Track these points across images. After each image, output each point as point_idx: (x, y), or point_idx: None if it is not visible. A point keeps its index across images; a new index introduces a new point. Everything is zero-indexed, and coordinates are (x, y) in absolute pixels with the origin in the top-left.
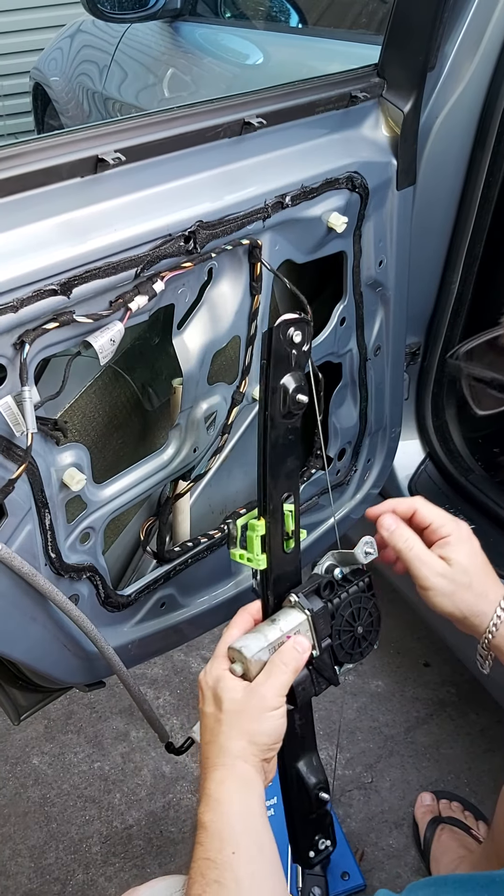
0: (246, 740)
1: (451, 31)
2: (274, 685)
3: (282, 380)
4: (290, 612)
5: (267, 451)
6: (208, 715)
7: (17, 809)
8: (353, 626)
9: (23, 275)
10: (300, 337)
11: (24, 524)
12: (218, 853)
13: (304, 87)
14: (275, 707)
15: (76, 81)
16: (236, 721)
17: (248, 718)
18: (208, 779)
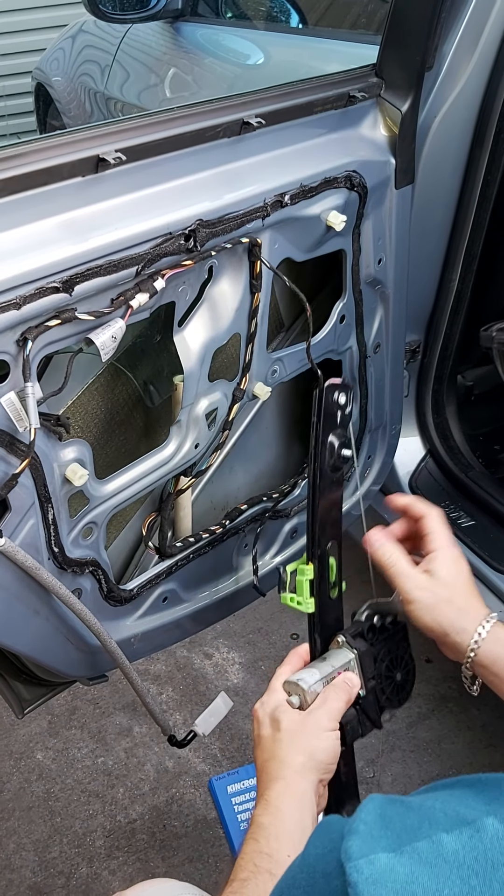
0: (306, 755)
1: (449, 31)
2: (329, 710)
3: (329, 437)
4: (339, 651)
5: (317, 500)
6: (265, 737)
7: (21, 804)
8: (393, 673)
9: (25, 272)
10: (344, 399)
11: (27, 519)
12: (276, 851)
13: (302, 88)
14: (330, 729)
15: (78, 81)
16: (295, 738)
17: (307, 736)
18: (269, 788)
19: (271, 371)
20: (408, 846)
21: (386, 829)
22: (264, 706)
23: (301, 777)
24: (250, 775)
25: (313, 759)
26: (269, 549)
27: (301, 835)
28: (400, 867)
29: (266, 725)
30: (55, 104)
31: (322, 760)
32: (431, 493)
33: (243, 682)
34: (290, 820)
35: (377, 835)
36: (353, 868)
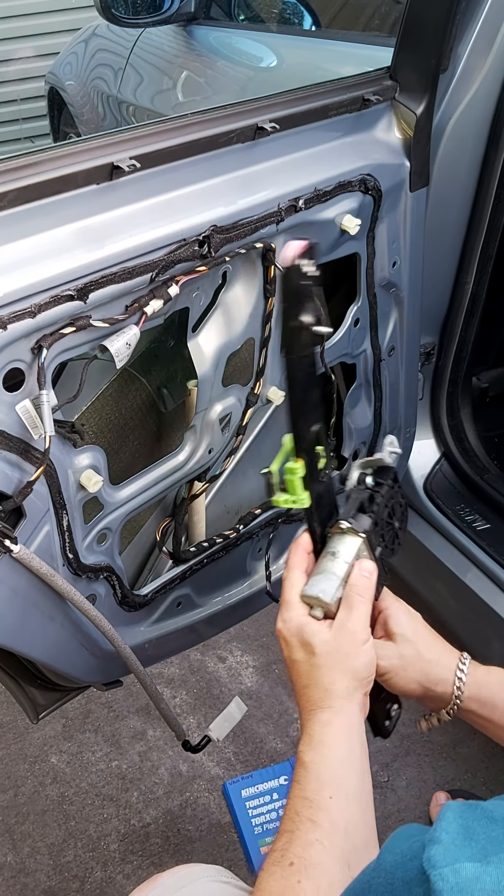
0: (349, 678)
1: (464, 33)
2: (359, 619)
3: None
4: (345, 538)
5: (295, 391)
6: (300, 661)
7: (35, 807)
8: (392, 523)
9: (40, 281)
10: (311, 265)
11: (42, 525)
12: (316, 794)
13: (316, 92)
14: (365, 640)
15: (91, 85)
16: (334, 661)
17: (346, 657)
18: (312, 720)
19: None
20: (494, 857)
21: (470, 841)
22: (287, 625)
23: (348, 702)
24: (264, 779)
25: (356, 679)
26: (282, 554)
27: (347, 768)
28: (486, 876)
29: (297, 648)
30: (68, 108)
31: (365, 678)
32: (446, 496)
33: (257, 685)
34: (335, 756)
35: (461, 845)
36: (439, 876)
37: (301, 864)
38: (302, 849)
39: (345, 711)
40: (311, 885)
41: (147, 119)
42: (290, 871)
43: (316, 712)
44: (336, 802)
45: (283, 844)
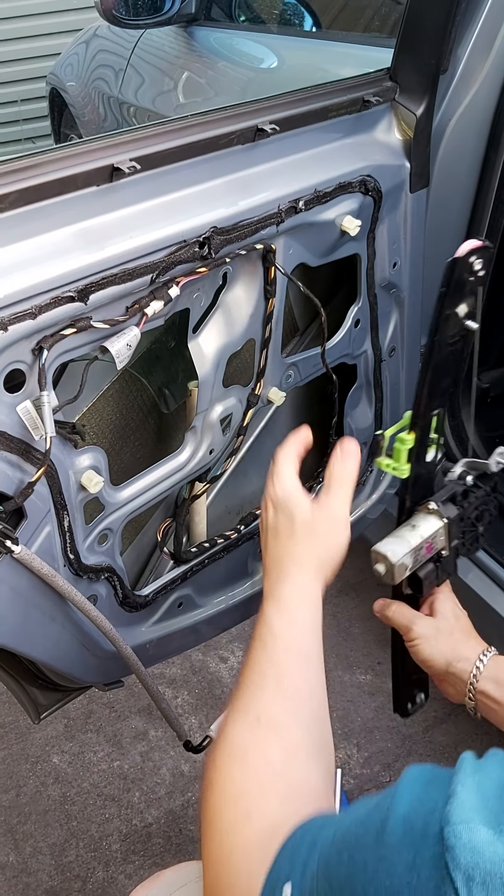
0: (322, 552)
1: (464, 34)
2: (339, 501)
3: (456, 308)
4: (429, 518)
5: (429, 372)
6: (280, 529)
7: (37, 807)
8: (477, 527)
9: (41, 282)
10: (481, 265)
11: (43, 526)
12: (282, 657)
13: (316, 93)
14: (343, 521)
15: (92, 86)
16: (312, 535)
17: (324, 533)
18: (282, 585)
19: (286, 376)
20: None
21: (485, 807)
22: (276, 492)
23: (316, 578)
24: None
25: (329, 556)
26: None
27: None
28: (500, 843)
29: (281, 516)
30: (69, 109)
31: (335, 559)
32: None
33: None
34: (301, 625)
35: (477, 806)
36: (452, 832)
37: (268, 722)
38: (268, 708)
39: (312, 585)
40: (277, 744)
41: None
42: (258, 727)
43: (285, 580)
44: (300, 669)
45: (248, 700)
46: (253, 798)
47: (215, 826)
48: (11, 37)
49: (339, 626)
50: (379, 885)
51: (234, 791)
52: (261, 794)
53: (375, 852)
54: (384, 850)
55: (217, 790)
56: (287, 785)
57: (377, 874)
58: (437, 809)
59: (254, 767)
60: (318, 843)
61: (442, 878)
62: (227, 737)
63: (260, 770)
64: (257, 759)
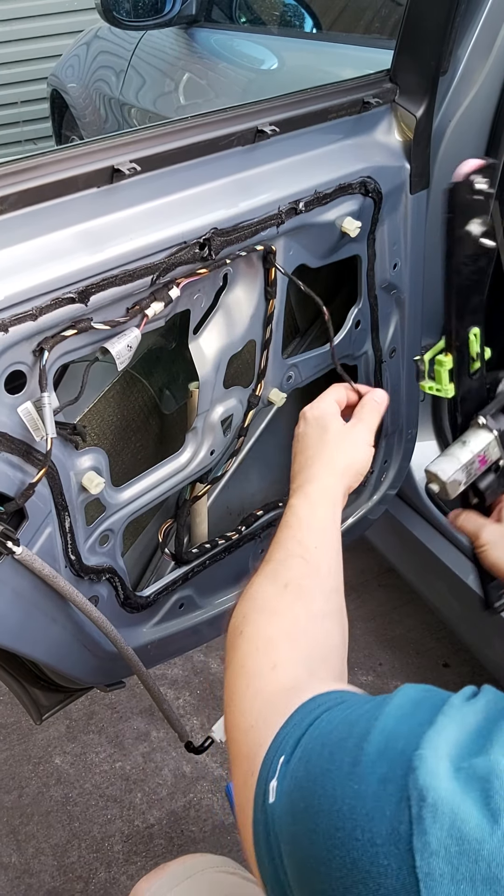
0: (348, 460)
1: (464, 35)
2: (366, 428)
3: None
4: (479, 432)
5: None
6: (312, 436)
7: (39, 808)
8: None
9: (41, 283)
10: (486, 183)
11: (44, 527)
12: (306, 539)
13: (316, 94)
14: (369, 443)
15: (93, 88)
16: (341, 444)
17: (352, 444)
18: (310, 483)
19: (287, 377)
20: (466, 762)
21: (457, 743)
22: (313, 409)
23: (340, 480)
24: None
25: (353, 465)
26: None
27: (331, 533)
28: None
29: (314, 426)
30: (70, 110)
31: (359, 470)
32: None
33: None
34: (324, 517)
35: (450, 738)
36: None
37: (295, 588)
38: (296, 577)
39: (336, 486)
40: (303, 608)
41: (149, 121)
42: (285, 591)
43: (313, 479)
44: (321, 551)
45: (276, 569)
46: (280, 650)
47: (244, 669)
48: (12, 38)
49: None
50: (347, 788)
51: (263, 641)
52: (288, 647)
53: (353, 756)
54: (361, 757)
55: (246, 638)
56: (310, 643)
57: (350, 778)
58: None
59: (281, 623)
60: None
61: (401, 795)
62: (255, 596)
63: (287, 626)
64: (285, 616)
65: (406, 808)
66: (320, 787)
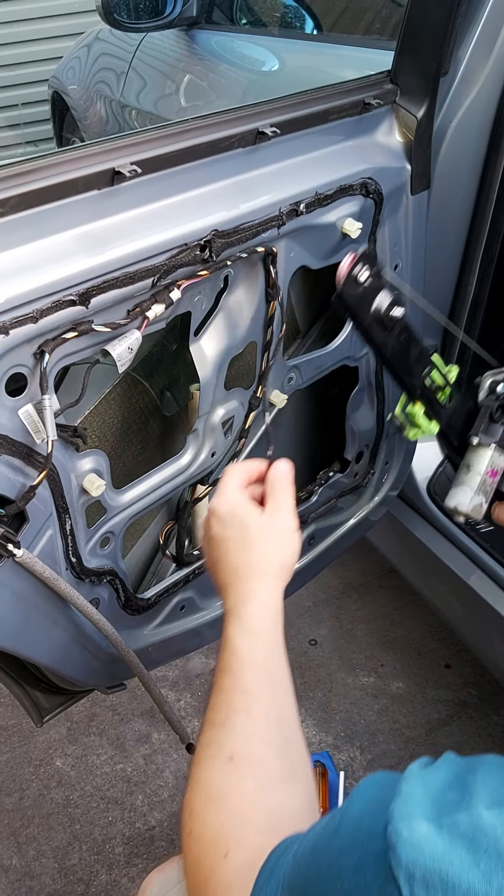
0: (280, 559)
1: (464, 36)
2: (288, 504)
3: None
4: (476, 451)
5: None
6: (233, 539)
7: (40, 811)
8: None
9: (42, 286)
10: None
11: (45, 529)
12: (251, 681)
13: (317, 96)
14: (295, 525)
15: (94, 90)
16: (268, 542)
17: (280, 538)
18: (245, 602)
19: (287, 379)
20: (447, 818)
21: (429, 802)
22: (222, 503)
23: (275, 586)
24: None
25: (287, 562)
26: None
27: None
28: (439, 839)
29: (230, 524)
30: (71, 112)
31: (292, 563)
32: None
33: None
34: (268, 645)
35: (420, 801)
36: (393, 830)
37: (242, 759)
38: (241, 743)
39: (274, 595)
40: (254, 782)
41: (150, 123)
42: (232, 767)
43: (248, 594)
44: (269, 693)
45: (218, 736)
46: (231, 837)
47: (196, 875)
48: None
49: (341, 629)
50: (331, 888)
51: (213, 834)
52: (240, 831)
53: (329, 856)
54: (334, 854)
55: (196, 838)
56: (265, 816)
57: (330, 878)
58: (384, 808)
59: (230, 807)
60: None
61: (385, 876)
62: (200, 779)
63: (236, 808)
64: (233, 798)
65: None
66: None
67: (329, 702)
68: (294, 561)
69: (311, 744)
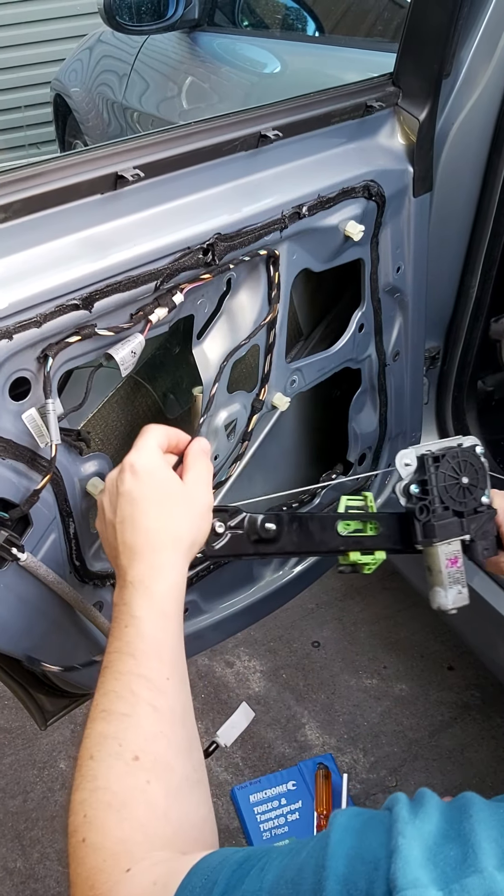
0: (195, 534)
1: (466, 38)
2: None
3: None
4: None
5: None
6: (147, 498)
7: (44, 813)
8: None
9: (46, 290)
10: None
11: (49, 533)
12: (156, 673)
13: (319, 99)
14: (210, 502)
15: (96, 92)
16: (186, 511)
17: (198, 513)
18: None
19: (290, 381)
20: (456, 884)
21: (430, 861)
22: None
23: (186, 563)
24: (272, 784)
25: (198, 540)
26: (289, 558)
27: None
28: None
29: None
30: (73, 114)
31: (201, 544)
32: None
33: (264, 690)
34: (175, 631)
35: (423, 864)
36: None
37: (148, 760)
38: (146, 741)
39: (184, 571)
40: (161, 786)
41: (152, 125)
42: (136, 768)
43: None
44: (173, 685)
45: (119, 730)
46: (135, 852)
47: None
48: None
49: (344, 630)
50: None
51: (112, 847)
52: (145, 845)
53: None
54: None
55: (91, 847)
56: (172, 827)
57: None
58: (380, 867)
59: (135, 818)
60: (233, 891)
61: None
62: (98, 780)
63: (142, 819)
64: (140, 807)
65: None
66: None
67: (332, 704)
68: (203, 539)
69: (315, 746)
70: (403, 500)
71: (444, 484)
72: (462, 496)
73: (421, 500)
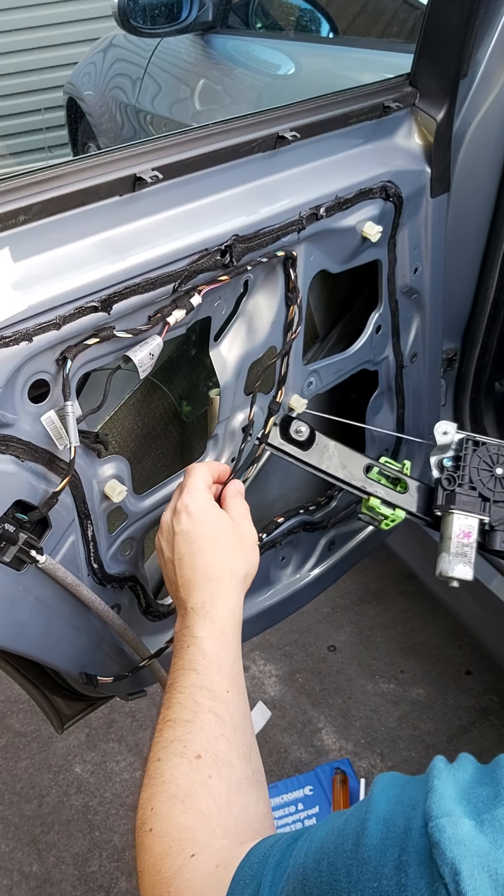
0: (247, 566)
1: (484, 38)
2: (249, 518)
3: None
4: (445, 520)
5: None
6: (203, 535)
7: (60, 817)
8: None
9: (65, 293)
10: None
11: (67, 535)
12: (217, 686)
13: (336, 100)
14: (255, 539)
15: (109, 95)
16: (237, 547)
17: (250, 547)
18: (217, 598)
19: (307, 383)
20: (488, 814)
21: (463, 798)
22: (193, 500)
23: (242, 594)
24: (288, 789)
25: (251, 573)
26: (305, 561)
27: (239, 667)
28: (482, 835)
29: (201, 522)
30: (87, 118)
31: (252, 577)
32: None
33: (280, 694)
34: (234, 649)
35: (456, 798)
36: (436, 827)
37: (209, 757)
38: (207, 742)
39: (241, 600)
40: (222, 781)
41: (165, 128)
42: (199, 765)
43: (220, 594)
44: (233, 697)
45: (184, 734)
46: (199, 839)
47: (160, 872)
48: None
49: (360, 635)
50: (365, 887)
51: (178, 834)
52: (208, 833)
53: (356, 856)
54: (366, 853)
55: (158, 835)
56: (233, 818)
57: (362, 878)
58: (418, 805)
59: (198, 808)
60: (286, 860)
61: (432, 874)
62: (163, 775)
63: (205, 809)
64: (202, 798)
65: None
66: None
67: (349, 708)
68: (255, 571)
69: (331, 751)
70: (436, 471)
71: (478, 467)
72: (493, 485)
73: (451, 473)
